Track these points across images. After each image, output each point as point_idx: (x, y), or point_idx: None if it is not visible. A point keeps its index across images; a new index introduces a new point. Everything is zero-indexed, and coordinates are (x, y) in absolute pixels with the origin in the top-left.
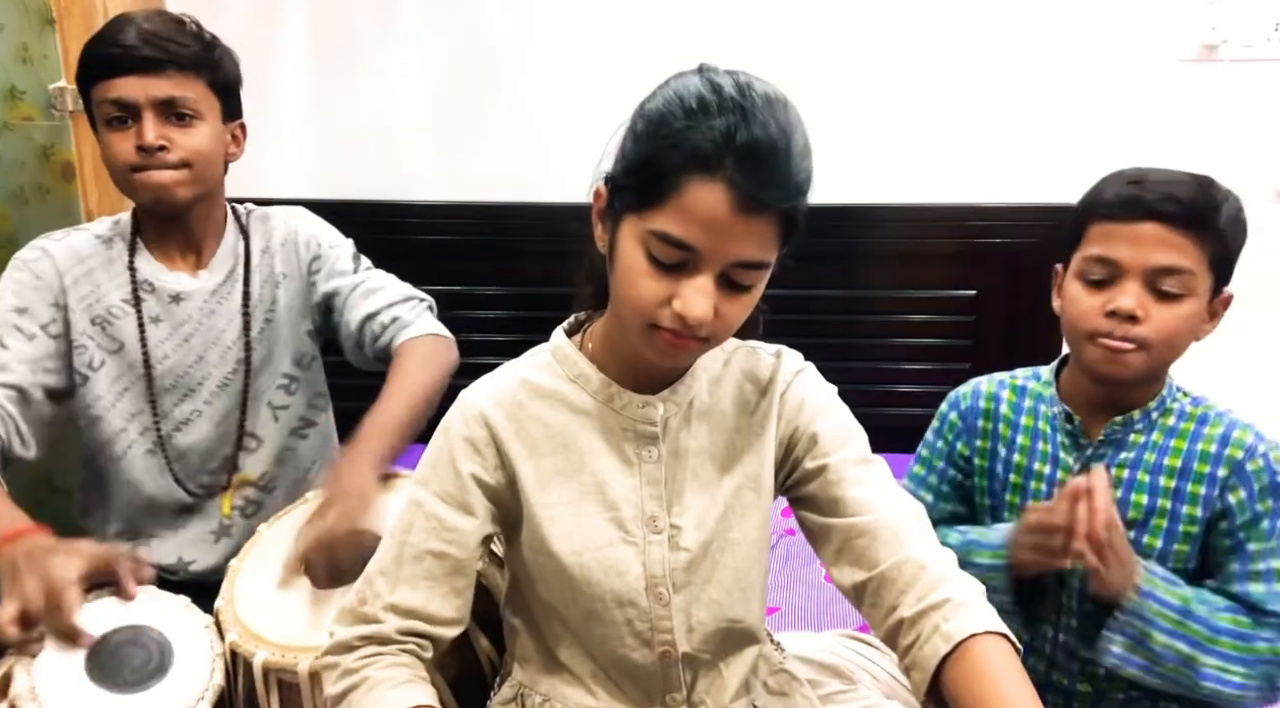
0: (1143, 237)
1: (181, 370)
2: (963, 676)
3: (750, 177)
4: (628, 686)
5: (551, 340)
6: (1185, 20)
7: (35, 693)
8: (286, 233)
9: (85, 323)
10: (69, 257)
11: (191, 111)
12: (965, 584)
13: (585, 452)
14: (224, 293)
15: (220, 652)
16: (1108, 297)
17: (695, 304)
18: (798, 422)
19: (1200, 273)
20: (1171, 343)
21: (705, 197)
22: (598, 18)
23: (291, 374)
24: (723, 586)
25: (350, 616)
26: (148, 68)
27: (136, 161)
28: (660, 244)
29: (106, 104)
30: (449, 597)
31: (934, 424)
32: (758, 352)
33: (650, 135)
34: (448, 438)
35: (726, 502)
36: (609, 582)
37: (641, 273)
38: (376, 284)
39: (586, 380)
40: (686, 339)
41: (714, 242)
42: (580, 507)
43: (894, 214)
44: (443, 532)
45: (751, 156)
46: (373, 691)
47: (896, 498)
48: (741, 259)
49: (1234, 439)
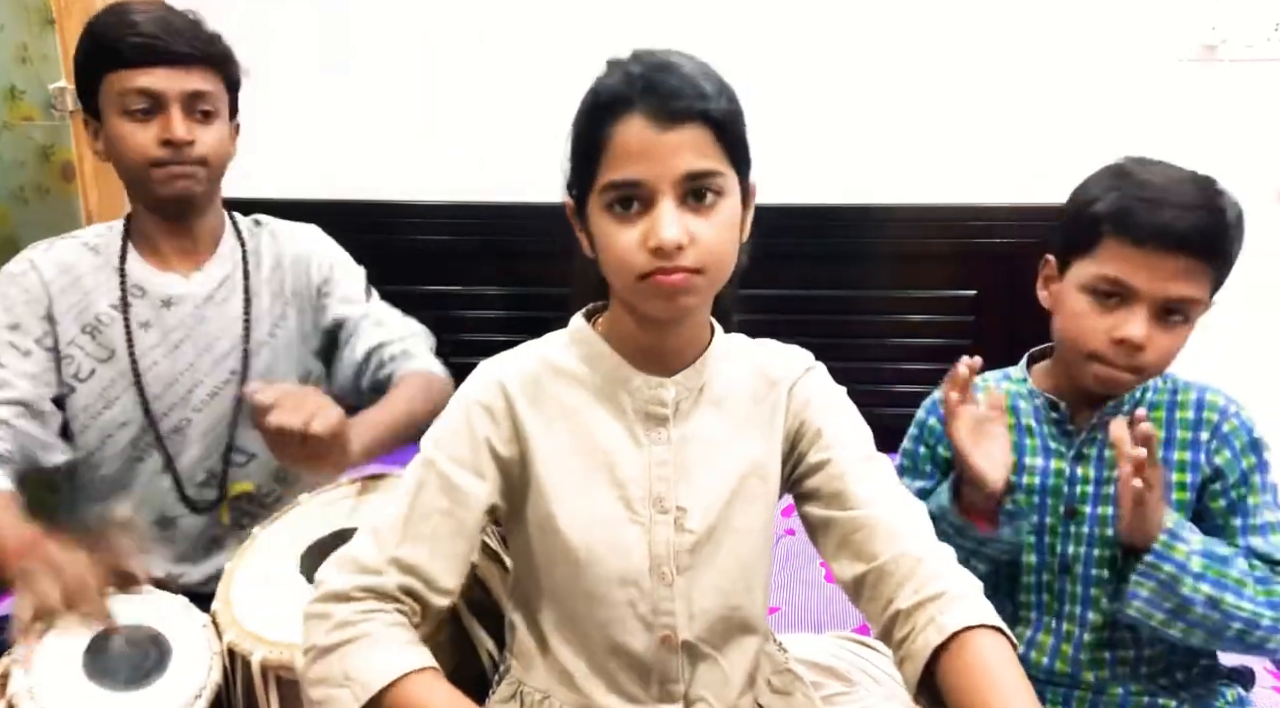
0: (1164, 268)
1: (171, 377)
2: (956, 668)
3: (656, 94)
4: (626, 678)
5: (571, 323)
6: (1185, 20)
7: (33, 692)
8: (300, 252)
9: (75, 332)
10: (55, 266)
11: (213, 108)
12: (962, 579)
13: (596, 430)
14: (219, 299)
15: (218, 651)
16: (1115, 321)
17: (663, 227)
18: (804, 416)
19: (1204, 297)
20: (1166, 363)
21: (626, 131)
22: (598, 18)
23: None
24: (726, 571)
25: (350, 564)
26: (180, 61)
27: (160, 156)
28: (612, 193)
29: (131, 94)
30: (449, 559)
31: (912, 432)
32: (771, 347)
33: (576, 122)
34: (465, 404)
35: (733, 488)
36: (613, 560)
37: (613, 231)
38: (385, 317)
39: (601, 361)
40: (674, 272)
41: (650, 166)
42: (589, 484)
43: (894, 214)
44: (452, 492)
45: (652, 80)
46: (376, 646)
47: (898, 495)
48: (685, 170)
49: (1208, 403)
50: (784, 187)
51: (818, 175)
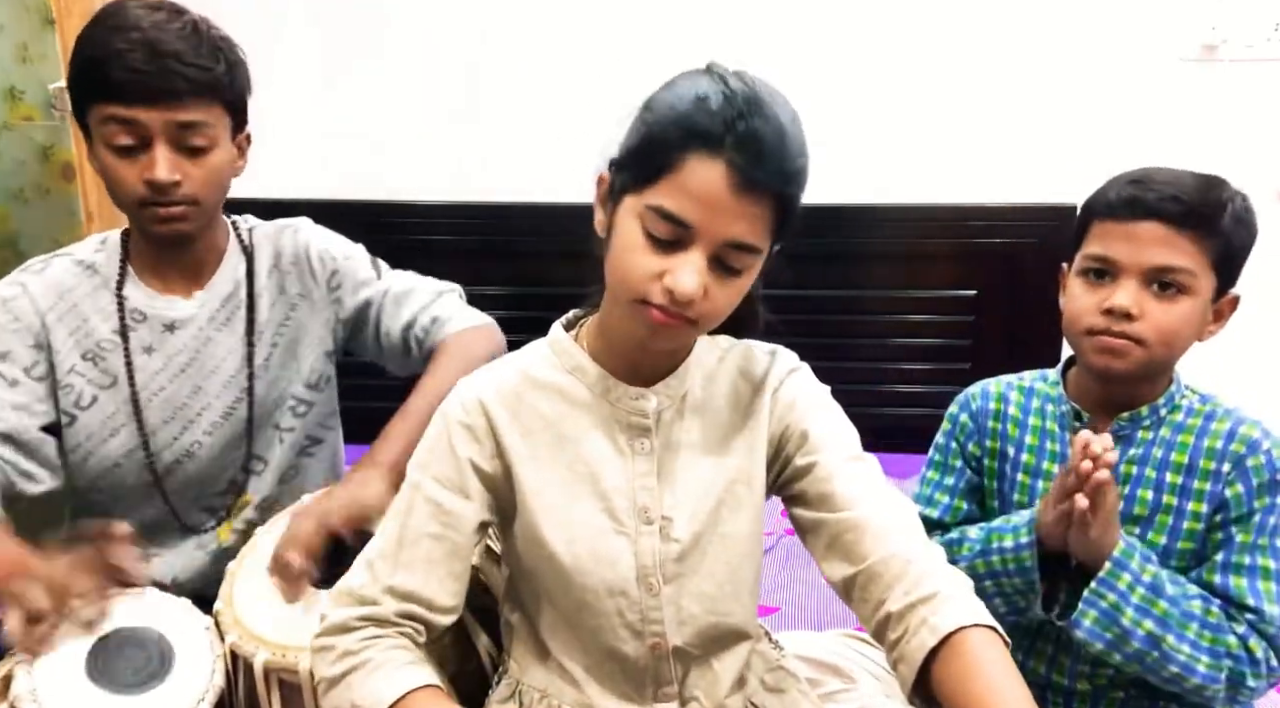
0: (1141, 236)
1: (179, 402)
2: (950, 668)
3: (748, 157)
4: (620, 679)
5: (550, 334)
6: (1185, 20)
7: (36, 694)
8: (296, 250)
9: (75, 359)
10: (50, 292)
11: (207, 140)
12: (953, 578)
13: (579, 442)
14: (222, 319)
15: (220, 653)
16: (1105, 294)
17: (686, 279)
18: (789, 420)
19: (1201, 272)
20: (1169, 341)
21: (704, 173)
22: (598, 18)
23: (304, 398)
24: (713, 578)
25: (347, 597)
26: (165, 96)
27: (145, 196)
28: (657, 220)
29: (113, 127)
30: (446, 581)
31: (944, 427)
32: (753, 350)
33: (656, 119)
34: (446, 424)
35: (719, 496)
36: (600, 571)
37: (636, 248)
38: (404, 286)
39: (583, 372)
40: (674, 317)
41: (709, 219)
42: (573, 497)
43: (894, 214)
44: (441, 516)
45: (752, 138)
46: (377, 671)
47: (886, 495)
48: (735, 239)
49: (1239, 435)
50: None
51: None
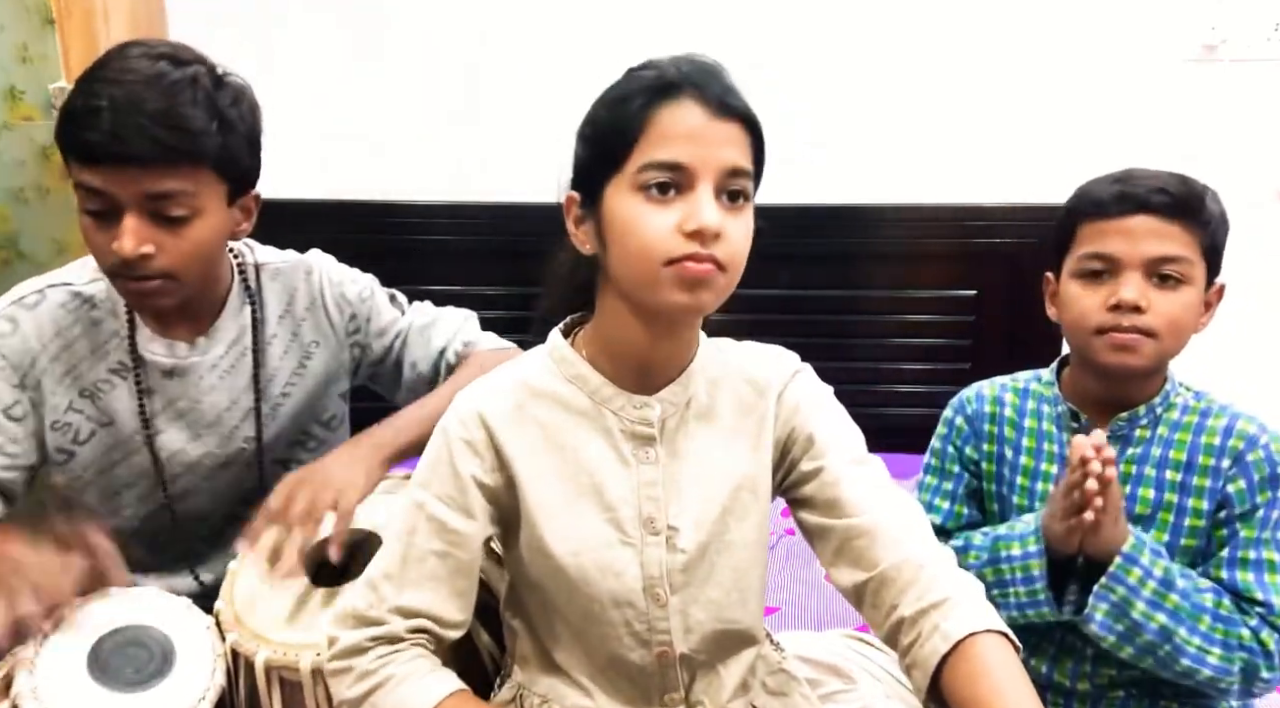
0: (1136, 229)
1: (178, 446)
2: (962, 674)
3: (710, 88)
4: (625, 685)
5: (549, 342)
6: (1185, 20)
7: (37, 693)
8: (311, 295)
9: (73, 396)
10: (45, 330)
11: (187, 210)
12: (964, 583)
13: (583, 452)
14: (226, 366)
15: (221, 652)
16: (1109, 291)
17: (705, 212)
18: (794, 423)
19: (1195, 261)
20: (1176, 332)
21: (678, 113)
22: (598, 19)
23: (318, 436)
24: (721, 587)
25: (354, 619)
26: (132, 162)
27: (115, 267)
28: (652, 172)
29: (85, 191)
30: (453, 598)
31: (940, 431)
32: (756, 352)
33: (609, 105)
34: (447, 440)
35: (724, 504)
36: (606, 583)
37: (644, 213)
38: (428, 317)
39: (584, 381)
40: (706, 261)
41: (699, 152)
42: (578, 508)
43: (894, 214)
44: (445, 534)
45: (704, 73)
46: (401, 685)
47: (894, 497)
48: (729, 164)
49: (1237, 431)
50: (784, 186)
51: (818, 175)
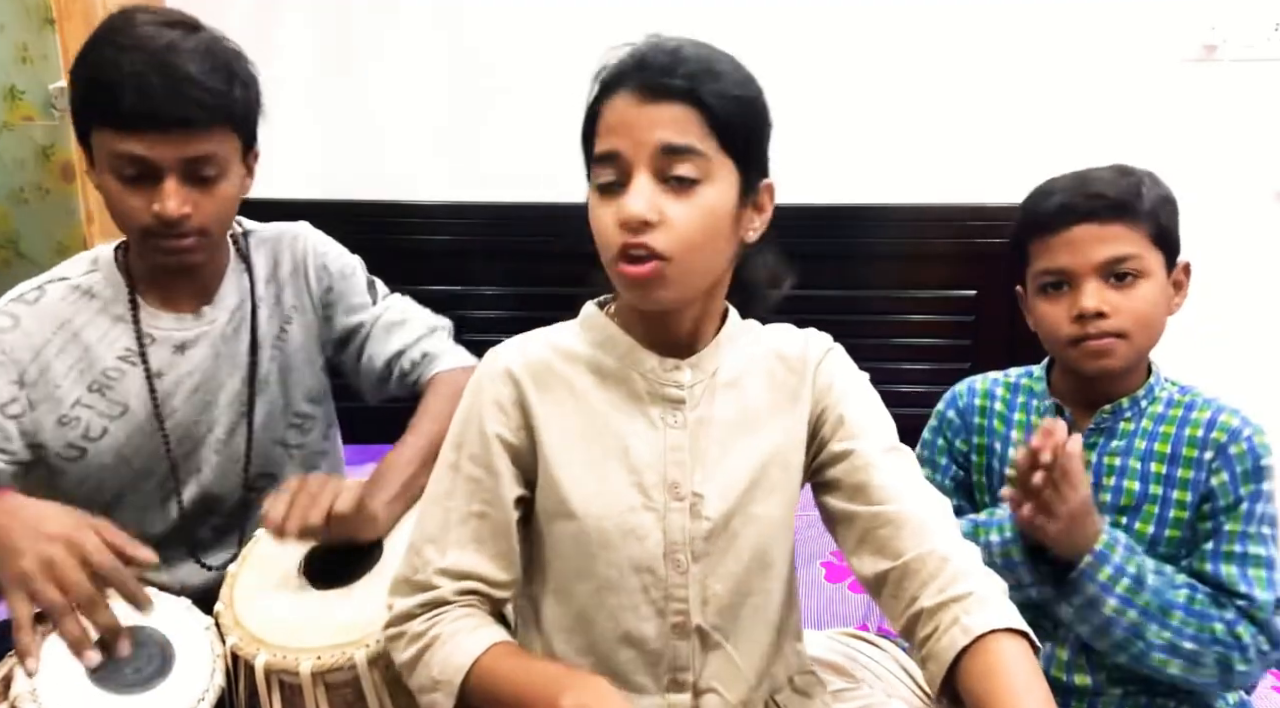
0: (1080, 239)
1: (190, 422)
2: (978, 671)
3: (646, 73)
4: (635, 668)
5: (582, 311)
6: (1185, 20)
7: (36, 694)
8: (295, 261)
9: (80, 391)
10: (47, 325)
11: (218, 170)
12: (988, 580)
13: (610, 415)
14: (230, 332)
15: (221, 653)
16: (1070, 302)
17: (630, 198)
18: (826, 402)
19: (1145, 253)
20: (1146, 326)
21: (613, 105)
22: (598, 18)
23: (307, 413)
24: (741, 559)
25: (406, 586)
26: (179, 125)
27: (152, 226)
28: (596, 167)
29: (122, 159)
30: (497, 559)
31: (931, 423)
32: (787, 331)
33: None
34: (477, 398)
35: (752, 476)
36: (627, 547)
37: (595, 208)
38: (398, 315)
39: (614, 344)
40: (641, 263)
41: (629, 137)
42: (603, 469)
43: (894, 214)
44: (481, 493)
45: (646, 56)
46: (447, 643)
47: (923, 489)
48: (663, 142)
49: (1220, 423)
50: (784, 186)
51: (818, 175)
